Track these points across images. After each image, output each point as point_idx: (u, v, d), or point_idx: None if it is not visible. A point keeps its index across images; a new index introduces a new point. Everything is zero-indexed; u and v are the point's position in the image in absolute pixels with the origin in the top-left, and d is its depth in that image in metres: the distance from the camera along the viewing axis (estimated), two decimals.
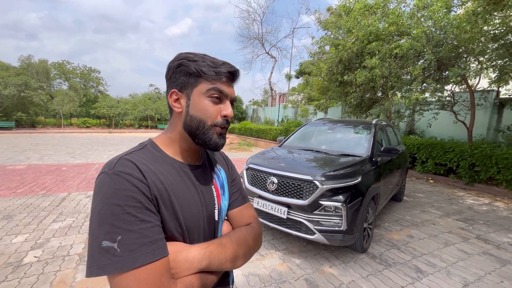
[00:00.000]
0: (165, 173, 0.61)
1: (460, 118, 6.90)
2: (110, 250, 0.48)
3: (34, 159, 7.61)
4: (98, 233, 0.50)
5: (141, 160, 0.59)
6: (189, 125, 0.64)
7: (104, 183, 0.53)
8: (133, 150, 0.63)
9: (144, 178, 0.56)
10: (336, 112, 12.86)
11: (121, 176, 0.53)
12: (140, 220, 0.51)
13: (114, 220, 0.50)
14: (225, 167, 0.82)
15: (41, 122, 22.57)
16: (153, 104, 27.13)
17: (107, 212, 0.51)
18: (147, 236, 0.52)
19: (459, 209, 4.61)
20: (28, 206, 3.77)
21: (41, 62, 25.65)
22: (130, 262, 0.49)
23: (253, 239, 0.73)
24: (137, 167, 0.56)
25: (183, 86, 0.64)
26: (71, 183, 5.14)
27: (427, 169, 7.28)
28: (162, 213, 0.57)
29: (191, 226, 0.63)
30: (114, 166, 0.55)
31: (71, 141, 13.33)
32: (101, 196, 0.52)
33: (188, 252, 0.58)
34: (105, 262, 0.48)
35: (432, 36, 5.40)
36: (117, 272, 0.48)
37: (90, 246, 0.50)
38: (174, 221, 0.59)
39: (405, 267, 2.62)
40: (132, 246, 0.49)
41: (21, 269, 2.28)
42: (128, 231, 0.50)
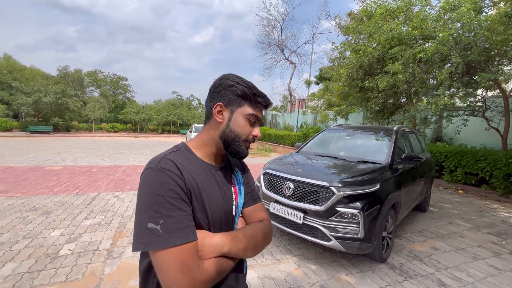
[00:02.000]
0: (196, 172, 0.73)
1: (493, 124, 6.46)
2: (154, 231, 0.60)
3: (69, 161, 8.25)
4: (144, 217, 0.61)
5: (178, 160, 0.70)
6: (227, 135, 0.77)
7: (150, 176, 0.65)
8: (171, 151, 0.74)
9: (182, 174, 0.67)
10: (358, 118, 12.56)
11: (164, 172, 0.65)
12: (178, 208, 0.63)
13: (157, 207, 0.61)
14: (241, 170, 0.93)
15: (75, 127, 24.38)
16: (176, 110, 28.23)
17: (152, 200, 0.62)
18: (183, 222, 0.63)
19: (491, 222, 4.30)
20: (64, 203, 4.12)
21: (76, 71, 27.86)
22: (169, 241, 0.59)
23: (263, 234, 0.82)
24: (176, 166, 0.68)
25: (229, 102, 0.77)
26: (100, 183, 5.52)
27: (456, 179, 6.86)
28: (193, 204, 0.68)
29: (214, 217, 0.73)
30: (158, 164, 0.67)
31: (100, 144, 14.25)
32: (147, 187, 0.64)
33: (213, 239, 0.69)
34: (150, 240, 0.59)
35: (460, 39, 5.17)
36: (159, 248, 0.59)
37: (137, 227, 0.62)
38: (202, 212, 0.70)
39: (427, 279, 2.51)
40: (171, 229, 0.60)
41: (57, 260, 2.51)
42: (168, 217, 0.61)
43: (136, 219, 0.63)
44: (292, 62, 25.86)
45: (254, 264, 2.63)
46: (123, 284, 2.20)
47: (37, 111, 21.10)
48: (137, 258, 2.59)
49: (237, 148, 0.78)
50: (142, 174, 0.68)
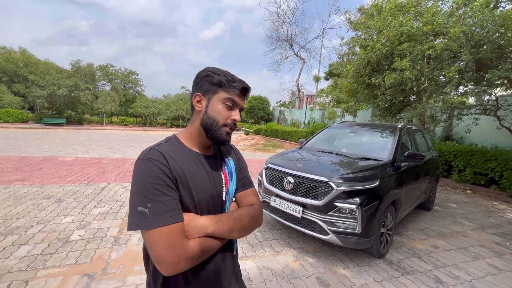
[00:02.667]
0: (184, 160, 0.80)
1: (505, 124, 6.28)
2: (143, 213, 0.68)
3: (80, 152, 8.54)
4: (135, 201, 0.70)
5: (166, 150, 0.78)
6: (205, 122, 0.82)
7: (139, 166, 0.74)
8: (161, 143, 0.82)
9: (168, 163, 0.75)
10: (366, 115, 12.40)
11: (151, 162, 0.73)
12: (164, 194, 0.71)
13: (146, 193, 0.69)
14: (234, 158, 0.98)
15: (87, 120, 25.02)
16: (185, 105, 28.51)
17: (142, 187, 0.70)
18: (169, 205, 0.70)
19: (497, 223, 4.24)
20: (75, 192, 4.31)
21: (88, 65, 28.44)
22: (156, 222, 0.67)
23: (251, 217, 0.88)
24: (163, 156, 0.75)
25: (206, 91, 0.83)
26: (110, 175, 5.72)
27: (464, 178, 6.74)
28: (180, 190, 0.75)
29: (202, 201, 0.80)
30: (147, 154, 0.75)
31: (111, 137, 14.63)
32: (138, 175, 0.73)
33: (198, 221, 0.76)
34: (140, 221, 0.68)
35: (472, 35, 5.03)
36: (147, 228, 0.67)
37: (130, 210, 0.71)
38: (189, 197, 0.77)
39: (424, 276, 2.53)
40: (158, 211, 0.68)
41: (68, 244, 2.67)
42: (155, 201, 0.69)
43: (130, 203, 0.72)
44: (301, 57, 25.61)
45: (254, 255, 2.72)
46: (128, 269, 2.33)
47: (51, 104, 21.75)
48: (142, 245, 2.73)
49: (215, 134, 0.82)
50: (134, 164, 0.76)
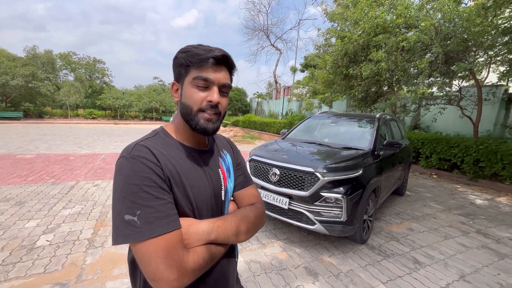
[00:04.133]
0: (175, 157, 0.68)
1: (466, 113, 6.82)
2: (131, 223, 0.56)
3: (43, 148, 7.79)
4: (121, 208, 0.58)
5: (154, 146, 0.66)
6: (182, 112, 0.70)
7: (123, 166, 0.61)
8: (147, 137, 0.70)
9: (158, 161, 0.63)
10: (341, 106, 12.78)
11: (138, 160, 0.61)
12: (156, 197, 0.59)
13: (133, 198, 0.57)
14: (230, 152, 0.88)
15: (48, 113, 22.89)
16: (158, 96, 27.22)
17: (127, 190, 0.58)
18: (162, 211, 0.59)
19: (461, 204, 4.63)
20: (39, 193, 3.91)
21: (46, 52, 25.80)
22: (148, 232, 0.56)
23: (256, 217, 0.79)
24: (151, 152, 0.63)
25: (179, 77, 0.70)
26: (79, 172, 5.28)
27: (431, 164, 7.26)
28: (174, 191, 0.64)
29: (200, 204, 0.70)
30: (131, 151, 0.62)
31: (77, 131, 13.55)
32: (121, 177, 0.60)
33: (199, 226, 0.65)
34: (128, 232, 0.56)
35: (441, 29, 5.30)
36: (138, 240, 0.56)
37: (114, 219, 0.59)
38: (185, 199, 0.66)
39: (403, 258, 2.68)
40: (149, 219, 0.57)
41: (34, 251, 2.40)
42: (146, 207, 0.57)
43: (113, 211, 0.59)
44: (277, 48, 25.55)
45: (240, 249, 2.67)
46: (106, 273, 2.15)
47: (4, 96, 19.52)
48: (121, 247, 2.55)
49: (193, 123, 0.69)
50: (116, 163, 0.63)
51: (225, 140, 0.91)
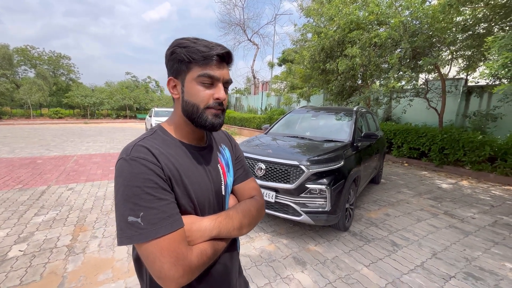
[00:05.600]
0: (175, 155, 0.67)
1: (432, 104, 7.35)
2: (135, 224, 0.57)
3: (4, 152, 7.14)
4: (124, 210, 0.58)
5: (154, 145, 0.65)
6: (186, 110, 0.69)
7: (123, 168, 0.60)
8: (145, 136, 0.68)
9: (158, 161, 0.62)
10: (318, 100, 13.12)
11: (138, 161, 0.60)
12: (158, 198, 0.59)
13: (136, 199, 0.57)
14: (229, 146, 0.89)
15: (7, 113, 20.94)
16: (131, 93, 26.00)
17: (129, 192, 0.58)
18: (165, 211, 0.59)
19: (429, 189, 5.02)
20: (5, 200, 3.60)
21: (1, 47, 23.43)
22: (153, 233, 0.57)
23: (257, 210, 0.81)
24: (150, 152, 0.62)
25: (177, 73, 0.68)
26: (49, 176, 4.93)
27: (402, 153, 7.75)
28: (175, 191, 0.64)
29: (201, 200, 0.70)
30: (131, 152, 0.61)
31: (43, 132, 12.56)
32: (122, 179, 0.59)
33: (201, 223, 0.66)
34: (132, 233, 0.57)
35: (409, 25, 5.62)
36: (142, 241, 0.56)
37: (118, 221, 0.59)
38: (186, 198, 0.67)
39: (383, 242, 2.87)
40: (153, 220, 0.57)
41: (6, 263, 2.23)
42: (149, 208, 0.57)
43: (117, 213, 0.59)
44: (255, 43, 25.46)
45: None
46: (91, 280, 2.07)
47: None
48: (104, 251, 2.46)
49: (200, 120, 0.69)
50: (116, 164, 0.63)
51: (223, 134, 0.91)
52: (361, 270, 2.32)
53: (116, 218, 0.59)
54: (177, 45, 0.66)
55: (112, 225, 3.00)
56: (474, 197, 4.58)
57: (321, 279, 2.18)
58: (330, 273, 2.27)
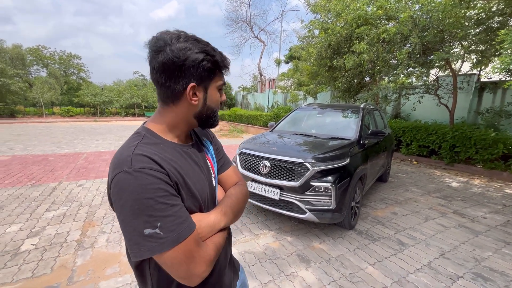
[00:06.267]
0: (173, 158, 0.67)
1: (443, 101, 7.16)
2: (154, 235, 0.56)
3: (18, 149, 7.37)
4: (137, 225, 0.56)
5: (151, 152, 0.63)
6: (205, 114, 0.74)
7: (128, 181, 0.57)
8: (137, 142, 0.65)
9: (163, 169, 0.61)
10: (326, 97, 12.98)
11: (144, 172, 0.58)
12: (171, 205, 0.59)
13: (150, 211, 0.56)
14: (210, 139, 0.93)
15: (21, 112, 21.56)
16: (139, 92, 26.34)
17: (141, 206, 0.56)
18: (180, 216, 0.61)
19: (439, 188, 4.91)
20: (18, 196, 3.72)
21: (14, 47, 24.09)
22: (175, 239, 0.58)
23: (244, 195, 0.89)
24: (153, 160, 0.61)
25: (202, 80, 0.68)
26: (60, 172, 5.07)
27: (411, 151, 7.60)
28: (181, 194, 0.65)
29: (203, 198, 0.73)
30: (132, 164, 0.58)
31: (55, 130, 12.90)
32: (128, 193, 0.57)
33: (209, 219, 0.71)
34: (154, 245, 0.56)
35: (419, 20, 5.48)
36: (165, 250, 0.57)
37: (131, 236, 0.57)
38: (191, 198, 0.68)
39: (389, 240, 2.83)
40: (172, 228, 0.58)
41: (19, 256, 2.31)
42: (165, 217, 0.58)
43: (127, 230, 0.57)
44: (261, 40, 25.32)
45: (234, 241, 2.70)
46: (99, 274, 2.12)
47: None
48: (112, 246, 2.51)
49: (213, 121, 0.78)
50: (113, 179, 0.59)
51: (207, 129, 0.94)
52: (366, 268, 2.30)
53: (128, 234, 0.58)
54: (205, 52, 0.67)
55: None
56: (486, 196, 4.46)
57: (325, 277, 2.17)
58: (335, 271, 2.26)
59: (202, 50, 0.67)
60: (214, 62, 0.68)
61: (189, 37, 0.67)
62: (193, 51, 0.65)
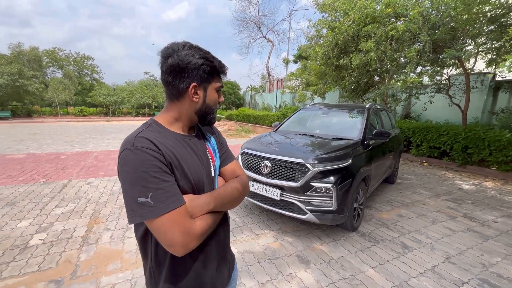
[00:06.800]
0: (172, 144, 0.79)
1: (455, 101, 6.93)
2: (146, 203, 0.67)
3: (33, 148, 7.66)
4: (133, 193, 0.68)
5: (152, 136, 0.75)
6: (204, 111, 0.86)
7: (129, 157, 0.70)
8: (142, 129, 0.78)
9: (159, 149, 0.72)
10: (334, 97, 12.82)
11: (142, 151, 0.70)
12: (163, 180, 0.70)
13: (144, 183, 0.68)
14: (214, 135, 1.02)
15: (37, 112, 22.37)
16: (150, 92, 26.82)
17: (137, 178, 0.68)
18: (170, 191, 0.70)
19: (449, 190, 4.76)
20: (30, 193, 3.87)
21: (32, 49, 25.07)
22: (162, 209, 0.68)
23: (242, 187, 0.95)
24: (152, 142, 0.72)
25: (202, 81, 0.82)
26: (70, 170, 5.23)
27: (421, 152, 7.40)
28: (175, 174, 0.75)
29: (197, 181, 0.82)
30: (134, 143, 0.71)
31: (68, 130, 13.33)
32: (129, 167, 0.69)
33: (199, 200, 0.79)
34: (144, 211, 0.67)
35: (429, 17, 5.32)
36: (154, 217, 0.67)
37: (129, 203, 0.69)
38: (185, 179, 0.78)
39: (392, 243, 2.77)
40: (161, 199, 0.68)
41: (27, 250, 2.41)
42: (156, 189, 0.68)
43: (126, 197, 0.69)
44: (269, 40, 25.29)
45: (234, 241, 2.72)
46: (101, 269, 2.18)
47: None
48: (115, 243, 2.57)
49: (211, 119, 0.89)
50: (120, 155, 0.72)
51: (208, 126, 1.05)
52: (367, 271, 2.26)
53: (126, 201, 0.69)
54: (205, 58, 0.81)
55: (124, 218, 3.14)
56: (499, 200, 4.29)
57: (324, 278, 2.15)
58: (334, 273, 2.23)
59: (202, 56, 0.81)
60: (212, 67, 0.82)
61: (193, 46, 0.81)
62: (195, 57, 0.79)
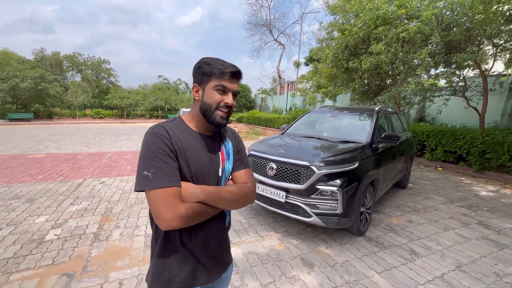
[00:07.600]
0: (184, 136, 0.92)
1: (472, 104, 6.68)
2: (147, 177, 0.81)
3: (52, 148, 8.04)
4: (141, 166, 0.83)
5: (170, 126, 0.91)
6: (203, 108, 0.94)
7: (147, 138, 0.86)
8: (167, 121, 0.94)
9: (170, 137, 0.87)
10: (345, 100, 12.67)
11: (156, 135, 0.86)
12: (165, 162, 0.83)
13: (150, 160, 0.82)
14: (232, 140, 1.10)
15: (57, 113, 23.45)
16: (163, 95, 27.46)
17: (147, 155, 0.83)
18: (168, 171, 0.82)
19: (464, 196, 4.59)
20: (48, 191, 4.07)
21: (53, 54, 26.32)
22: (156, 184, 0.79)
23: (244, 193, 0.98)
24: (166, 131, 0.88)
25: (200, 81, 0.94)
26: (86, 170, 5.45)
27: (436, 157, 7.17)
28: (180, 161, 0.87)
29: (198, 173, 0.92)
30: (154, 129, 0.88)
31: (85, 131, 13.87)
32: (145, 145, 0.85)
33: (194, 188, 0.87)
34: (144, 183, 0.80)
35: (442, 18, 5.19)
36: (148, 188, 0.80)
37: (137, 174, 0.83)
38: (187, 168, 0.89)
39: (400, 249, 2.70)
40: (159, 176, 0.80)
41: (43, 245, 2.53)
42: (157, 167, 0.81)
43: (137, 168, 0.84)
44: (281, 43, 25.34)
45: (239, 242, 2.74)
46: (110, 265, 2.26)
47: (15, 98, 20.09)
48: (124, 240, 2.67)
49: (210, 117, 0.93)
50: (143, 137, 0.88)
51: (230, 131, 1.13)
52: (372, 276, 2.22)
53: (137, 171, 0.84)
54: (203, 62, 0.92)
55: (133, 217, 3.24)
56: None
57: (327, 282, 2.13)
58: (338, 277, 2.21)
59: (202, 61, 0.93)
60: (209, 68, 0.90)
61: (207, 58, 0.94)
62: (198, 63, 0.94)
